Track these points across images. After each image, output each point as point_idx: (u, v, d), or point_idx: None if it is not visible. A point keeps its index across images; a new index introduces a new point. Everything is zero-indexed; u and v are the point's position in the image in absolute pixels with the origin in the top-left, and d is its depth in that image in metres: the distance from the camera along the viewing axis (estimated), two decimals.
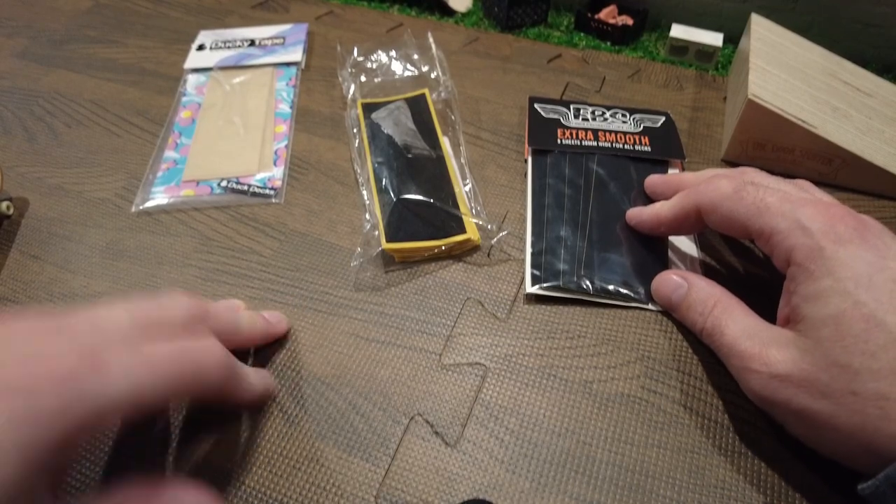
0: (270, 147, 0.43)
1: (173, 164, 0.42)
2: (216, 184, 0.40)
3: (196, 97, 0.47)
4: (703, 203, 0.28)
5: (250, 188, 0.40)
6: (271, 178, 0.41)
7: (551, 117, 0.41)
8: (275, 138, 0.44)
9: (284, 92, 0.48)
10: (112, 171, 0.42)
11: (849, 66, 0.44)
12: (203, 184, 0.40)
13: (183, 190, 0.40)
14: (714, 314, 0.28)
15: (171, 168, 0.41)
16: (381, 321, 0.32)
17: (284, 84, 0.49)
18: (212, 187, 0.40)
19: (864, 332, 0.22)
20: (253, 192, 0.40)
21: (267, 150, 0.43)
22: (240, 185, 0.40)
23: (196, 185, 0.40)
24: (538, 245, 0.34)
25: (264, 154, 0.42)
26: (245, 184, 0.40)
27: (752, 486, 0.25)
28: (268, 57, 0.50)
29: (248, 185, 0.40)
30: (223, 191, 0.40)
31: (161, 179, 0.41)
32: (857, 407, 0.21)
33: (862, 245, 0.24)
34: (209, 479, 0.26)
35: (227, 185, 0.40)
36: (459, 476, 0.26)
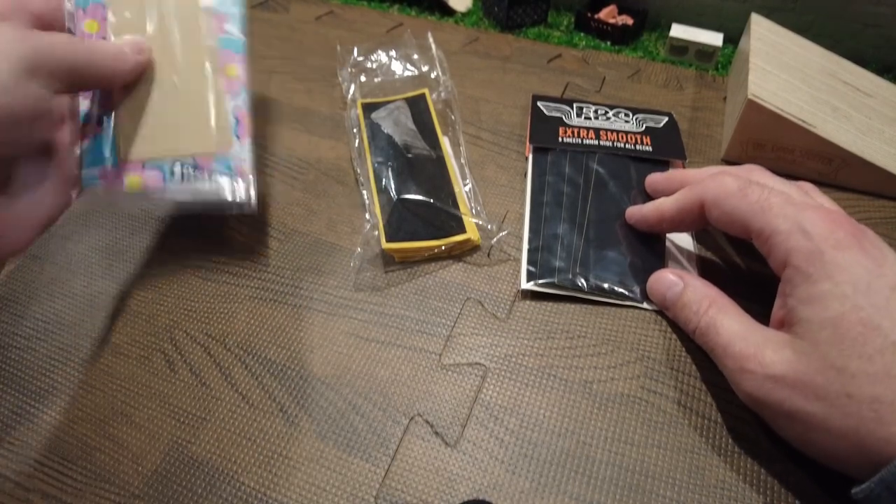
0: (224, 104, 0.31)
1: (97, 127, 0.30)
2: (168, 169, 0.30)
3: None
4: (707, 198, 0.29)
5: (212, 178, 0.31)
6: (236, 158, 0.31)
7: (553, 115, 0.41)
8: (227, 88, 0.32)
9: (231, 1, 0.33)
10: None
11: (849, 66, 0.44)
12: (150, 166, 0.30)
13: (127, 176, 0.30)
14: (709, 314, 0.28)
15: (99, 135, 0.30)
16: (381, 321, 0.32)
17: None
18: (164, 173, 0.30)
19: (861, 335, 0.22)
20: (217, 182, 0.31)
21: (220, 110, 0.31)
22: (199, 170, 0.30)
23: (142, 168, 0.30)
24: (535, 242, 0.34)
25: (219, 117, 0.31)
26: (205, 170, 0.30)
27: (752, 486, 0.25)
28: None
29: (208, 171, 0.31)
30: (180, 179, 0.30)
31: (90, 156, 0.30)
32: (851, 409, 0.22)
33: (860, 252, 0.24)
34: (208, 478, 0.26)
35: (182, 169, 0.30)
36: (459, 476, 0.26)
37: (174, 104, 0.31)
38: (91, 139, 0.30)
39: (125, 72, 0.29)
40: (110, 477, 0.27)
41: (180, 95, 0.31)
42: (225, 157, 0.31)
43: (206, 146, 0.31)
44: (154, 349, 0.31)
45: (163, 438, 0.28)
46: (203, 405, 0.29)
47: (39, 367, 0.31)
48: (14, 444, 0.28)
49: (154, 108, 0.31)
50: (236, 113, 0.32)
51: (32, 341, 0.32)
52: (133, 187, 0.30)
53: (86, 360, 0.31)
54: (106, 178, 0.29)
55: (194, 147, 0.31)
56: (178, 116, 0.31)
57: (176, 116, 0.31)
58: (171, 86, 0.31)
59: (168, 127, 0.31)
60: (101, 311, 0.33)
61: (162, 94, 0.31)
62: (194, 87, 0.31)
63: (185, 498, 0.26)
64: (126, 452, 0.27)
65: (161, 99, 0.31)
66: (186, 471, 0.27)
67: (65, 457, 0.27)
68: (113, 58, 0.28)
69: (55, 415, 0.29)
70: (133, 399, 0.29)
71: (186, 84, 0.31)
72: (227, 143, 0.31)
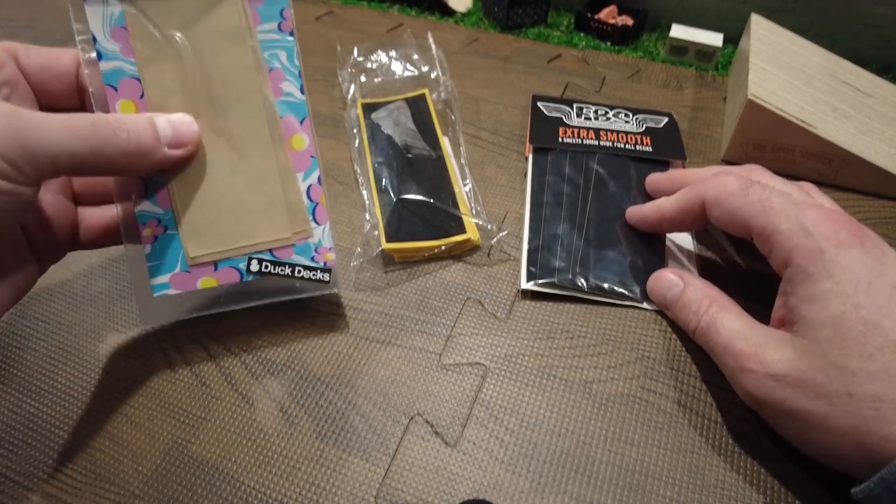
0: (295, 183, 0.28)
1: (157, 224, 0.27)
2: (244, 267, 0.27)
3: (123, 60, 0.26)
4: (709, 197, 0.29)
5: (296, 272, 0.28)
6: (319, 247, 0.28)
7: (553, 116, 0.41)
8: (295, 162, 0.28)
9: (280, 50, 0.27)
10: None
11: (849, 66, 0.44)
12: (224, 265, 0.27)
13: (199, 279, 0.27)
14: (709, 313, 0.28)
15: (161, 236, 0.27)
16: (381, 321, 0.32)
17: (272, 31, 0.27)
18: (240, 272, 0.27)
19: (862, 334, 0.22)
20: (302, 276, 0.28)
21: (292, 192, 0.28)
22: (280, 266, 0.28)
23: (214, 269, 0.27)
24: (535, 242, 0.34)
25: (292, 200, 0.28)
26: (286, 263, 0.28)
27: (752, 486, 0.25)
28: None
29: (290, 265, 0.28)
30: (256, 277, 0.27)
31: (156, 261, 0.27)
32: (851, 408, 0.22)
33: (862, 251, 0.24)
34: (208, 478, 0.26)
35: (259, 268, 0.27)
36: (459, 476, 0.26)
37: (238, 191, 0.27)
38: (153, 242, 0.26)
39: (149, 166, 0.25)
40: (110, 477, 0.27)
41: (244, 180, 0.27)
42: (305, 245, 0.28)
43: (282, 237, 0.27)
44: (154, 349, 0.31)
45: (163, 438, 0.28)
46: (203, 405, 0.29)
47: (39, 367, 0.31)
48: (14, 444, 0.28)
49: (216, 197, 0.27)
50: (310, 192, 0.28)
51: (32, 341, 0.32)
52: (207, 287, 0.27)
53: (86, 360, 0.31)
54: (177, 284, 0.27)
55: (269, 238, 0.27)
56: (245, 205, 0.27)
57: (242, 205, 0.27)
58: (231, 169, 0.27)
59: (236, 218, 0.27)
60: (101, 311, 0.33)
61: (223, 181, 0.27)
62: (258, 168, 0.27)
63: (185, 498, 0.26)
64: (126, 452, 0.27)
65: (223, 186, 0.27)
66: (186, 471, 0.27)
67: (65, 457, 0.27)
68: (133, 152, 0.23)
69: (55, 415, 0.29)
70: (133, 399, 0.29)
71: (249, 165, 0.27)
72: (306, 229, 0.28)
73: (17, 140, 0.20)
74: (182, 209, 0.27)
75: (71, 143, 0.21)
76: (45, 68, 0.25)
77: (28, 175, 0.20)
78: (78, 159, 0.21)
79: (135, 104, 0.26)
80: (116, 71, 0.25)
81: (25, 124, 0.20)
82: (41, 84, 0.26)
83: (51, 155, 0.21)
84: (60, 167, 0.21)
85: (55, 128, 0.21)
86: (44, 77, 0.26)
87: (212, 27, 0.26)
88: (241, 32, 0.27)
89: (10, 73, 0.25)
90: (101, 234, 0.28)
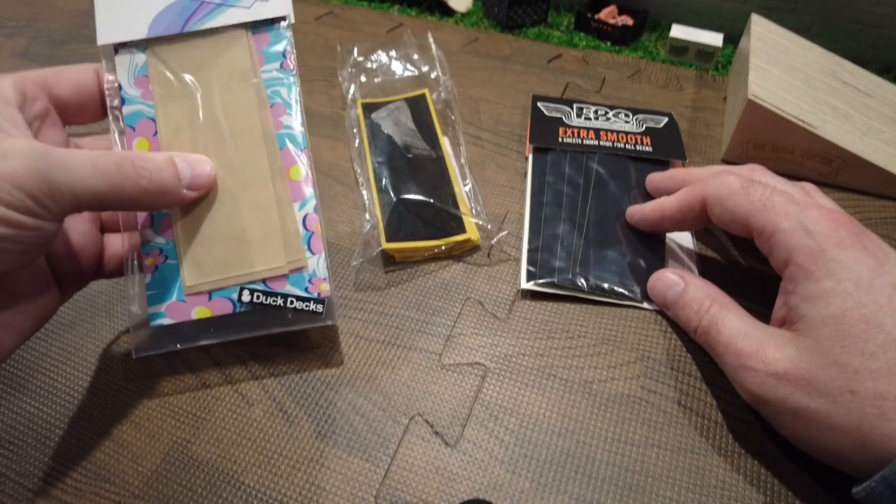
0: (291, 213, 0.28)
1: (158, 254, 0.27)
2: (236, 297, 0.27)
3: (142, 104, 0.28)
4: (710, 195, 0.29)
5: (288, 302, 0.28)
6: (313, 277, 0.28)
7: (554, 116, 0.41)
8: (292, 192, 0.28)
9: (281, 87, 0.29)
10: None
11: (849, 66, 0.44)
12: (218, 295, 0.27)
13: (193, 309, 0.27)
14: (710, 312, 0.28)
15: (161, 265, 0.27)
16: (381, 321, 0.32)
17: (275, 69, 0.29)
18: (233, 303, 0.27)
19: (863, 332, 0.22)
20: (295, 307, 0.28)
21: (289, 220, 0.28)
22: (272, 296, 0.27)
23: (208, 298, 0.27)
24: (535, 242, 0.34)
25: (288, 231, 0.28)
26: (279, 294, 0.27)
27: (752, 486, 0.25)
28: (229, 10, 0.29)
29: (282, 296, 0.27)
30: (249, 307, 0.27)
31: (155, 290, 0.27)
32: (854, 406, 0.22)
33: (862, 250, 0.24)
34: (208, 478, 0.26)
35: (251, 298, 0.27)
36: (459, 476, 0.26)
37: (237, 221, 0.28)
38: (154, 272, 0.27)
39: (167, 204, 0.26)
40: (110, 477, 0.27)
41: (243, 210, 0.28)
42: (299, 275, 0.28)
43: (277, 266, 0.28)
44: None
45: (163, 438, 0.28)
46: (203, 405, 0.29)
47: (39, 367, 0.31)
48: (14, 444, 0.28)
49: (216, 227, 0.27)
50: (306, 222, 0.28)
51: (32, 341, 0.32)
52: (201, 317, 0.27)
53: (86, 360, 0.31)
54: (173, 313, 0.27)
55: (264, 268, 0.27)
56: (243, 235, 0.28)
57: (240, 235, 0.28)
58: (231, 200, 0.28)
59: (232, 248, 0.27)
60: (101, 311, 0.33)
61: (223, 211, 0.28)
62: (257, 199, 0.28)
63: (185, 498, 0.26)
64: (126, 452, 0.27)
65: (224, 216, 0.27)
66: (186, 471, 0.27)
67: (65, 457, 0.27)
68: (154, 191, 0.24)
69: (55, 415, 0.29)
70: (133, 399, 0.29)
71: (248, 196, 0.28)
72: (300, 260, 0.28)
73: (45, 179, 0.20)
74: (184, 239, 0.27)
75: (95, 181, 0.22)
76: (75, 92, 0.27)
77: (52, 211, 0.21)
78: (101, 197, 0.22)
79: (148, 141, 0.28)
80: (136, 113, 0.28)
81: (52, 163, 0.21)
82: (71, 108, 0.27)
83: (75, 193, 0.21)
84: (83, 204, 0.22)
85: (81, 166, 0.21)
86: (74, 101, 0.27)
87: (221, 69, 0.29)
88: (247, 72, 0.29)
89: (41, 106, 0.25)
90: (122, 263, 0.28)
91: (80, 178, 0.21)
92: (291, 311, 0.28)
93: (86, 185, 0.21)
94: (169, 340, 0.28)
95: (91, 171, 0.21)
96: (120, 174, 0.22)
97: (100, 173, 0.22)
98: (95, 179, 0.22)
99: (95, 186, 0.22)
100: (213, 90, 0.28)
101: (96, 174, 0.22)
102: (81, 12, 0.59)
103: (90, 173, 0.21)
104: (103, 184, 0.22)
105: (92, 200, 0.22)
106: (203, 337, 0.28)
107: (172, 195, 0.25)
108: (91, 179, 0.21)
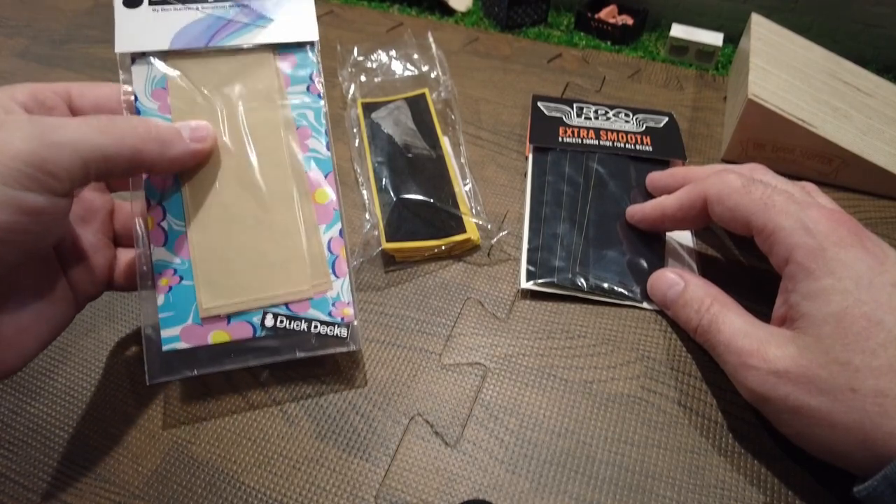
0: (317, 236, 0.27)
1: (173, 274, 0.26)
2: (258, 322, 0.26)
3: (158, 116, 0.27)
4: (711, 194, 0.29)
5: (312, 327, 0.26)
6: (337, 301, 0.27)
7: (554, 115, 0.41)
8: (319, 217, 0.28)
9: (307, 110, 0.29)
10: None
11: (849, 66, 0.44)
12: (237, 319, 0.26)
13: (210, 333, 0.26)
14: (711, 312, 0.28)
15: (176, 286, 0.26)
16: (381, 321, 0.32)
17: (301, 92, 0.29)
18: (253, 326, 0.26)
19: (864, 330, 0.22)
20: (319, 332, 0.26)
21: (314, 245, 0.27)
22: (296, 320, 0.26)
23: (227, 322, 0.26)
24: (535, 241, 0.34)
25: (313, 254, 0.27)
26: (302, 318, 0.26)
27: (752, 485, 0.25)
28: (256, 30, 0.29)
29: (306, 320, 0.26)
30: (271, 332, 0.26)
31: (169, 312, 0.26)
32: (855, 404, 0.22)
33: (862, 249, 0.24)
34: (208, 478, 0.26)
35: (274, 323, 0.26)
36: (459, 476, 0.26)
37: (259, 243, 0.27)
38: (168, 293, 0.26)
39: (173, 157, 0.25)
40: (110, 477, 0.27)
41: (266, 232, 0.27)
42: (323, 299, 0.27)
43: (301, 290, 0.27)
44: None
45: (163, 438, 0.28)
46: (203, 405, 0.29)
47: (39, 367, 0.31)
48: (14, 444, 0.28)
49: (236, 249, 0.26)
50: (331, 245, 0.27)
51: None
52: (218, 342, 0.26)
53: (86, 360, 0.31)
54: (188, 338, 0.26)
55: (287, 292, 0.26)
56: (266, 257, 0.26)
57: (262, 258, 0.26)
58: (254, 221, 0.27)
59: (254, 271, 0.26)
60: (101, 310, 0.33)
61: (245, 232, 0.26)
62: (282, 221, 0.27)
63: (185, 498, 0.26)
64: (126, 452, 0.27)
65: (244, 237, 0.26)
66: (186, 471, 0.27)
67: (65, 457, 0.27)
68: (155, 139, 0.24)
69: (55, 415, 0.29)
70: (133, 399, 0.29)
71: (272, 218, 0.27)
72: (325, 283, 0.27)
73: (47, 145, 0.20)
74: (200, 259, 0.26)
75: (96, 137, 0.21)
76: (96, 108, 0.26)
77: (62, 179, 0.21)
78: (105, 154, 0.22)
79: None
80: None
81: (49, 128, 0.21)
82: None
83: (80, 153, 0.21)
84: (91, 166, 0.21)
85: (78, 127, 0.21)
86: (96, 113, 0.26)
87: (246, 87, 0.28)
88: (273, 93, 0.28)
89: (59, 115, 0.25)
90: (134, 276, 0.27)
91: (80, 136, 0.21)
92: (315, 335, 0.26)
93: (89, 142, 0.21)
94: (184, 365, 0.26)
95: (89, 129, 0.21)
96: (118, 127, 0.22)
97: (98, 129, 0.22)
98: (95, 135, 0.21)
99: (97, 141, 0.21)
100: (236, 108, 0.28)
101: (95, 131, 0.22)
102: (81, 12, 0.59)
103: (88, 131, 0.21)
104: (104, 138, 0.22)
105: (99, 160, 0.22)
106: (221, 363, 0.26)
107: (176, 145, 0.25)
108: (91, 135, 0.21)
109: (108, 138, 0.22)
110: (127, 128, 0.23)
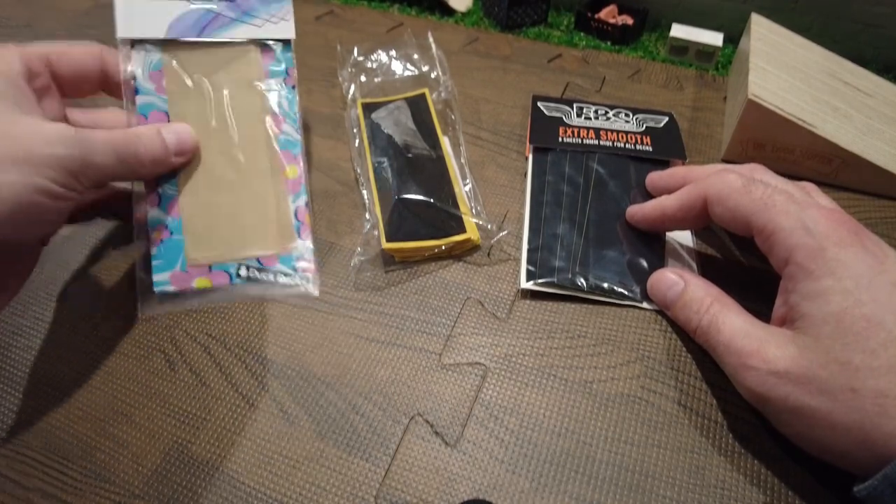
0: (286, 205, 0.33)
1: (164, 230, 0.31)
2: (234, 271, 0.32)
3: (155, 96, 0.32)
4: (711, 194, 0.29)
5: (277, 276, 0.32)
6: (299, 257, 0.33)
7: (554, 115, 0.41)
8: (288, 189, 0.33)
9: (283, 100, 0.34)
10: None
11: (849, 66, 0.44)
12: (217, 268, 0.31)
13: (194, 279, 0.31)
14: (711, 312, 0.28)
15: (167, 239, 0.31)
16: (381, 321, 0.32)
17: (278, 83, 0.34)
18: (230, 274, 0.32)
19: (864, 330, 0.22)
20: (282, 282, 0.32)
21: (283, 212, 0.33)
22: (264, 271, 0.32)
23: (208, 270, 0.31)
24: (535, 241, 0.34)
25: (281, 218, 0.33)
26: (270, 270, 0.32)
27: (752, 485, 0.25)
28: (242, 27, 0.33)
29: (273, 272, 0.32)
30: (244, 280, 0.32)
31: (160, 260, 0.31)
32: (855, 404, 0.22)
33: (862, 249, 0.24)
34: (208, 478, 0.26)
35: (247, 273, 0.32)
36: (459, 476, 0.26)
37: (238, 207, 0.32)
38: (160, 244, 0.31)
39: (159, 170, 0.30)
40: (110, 476, 0.27)
41: (244, 198, 0.32)
42: (288, 256, 0.32)
43: (270, 247, 0.32)
44: (154, 349, 0.31)
45: (163, 438, 0.28)
46: (203, 405, 0.29)
47: (39, 367, 0.31)
48: (14, 444, 0.28)
49: (219, 211, 0.32)
50: (297, 213, 0.33)
51: (32, 340, 0.32)
52: (201, 287, 0.31)
53: (86, 360, 0.31)
54: (176, 281, 0.31)
55: (259, 249, 0.32)
56: (243, 219, 0.32)
57: (240, 219, 0.32)
58: (235, 189, 0.32)
59: (233, 230, 0.32)
60: (101, 310, 0.33)
61: (226, 198, 0.32)
62: (257, 190, 0.33)
63: (185, 498, 0.26)
64: (126, 452, 0.27)
65: (225, 202, 0.32)
66: (186, 471, 0.27)
67: (65, 456, 0.27)
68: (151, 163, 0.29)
69: (55, 414, 0.29)
70: (133, 399, 0.29)
71: (250, 187, 0.32)
72: (291, 243, 0.33)
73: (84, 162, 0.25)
74: (189, 217, 0.31)
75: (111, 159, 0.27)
76: (75, 71, 0.29)
77: (85, 185, 0.26)
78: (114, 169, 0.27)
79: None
80: (149, 104, 0.31)
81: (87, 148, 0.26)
82: (69, 85, 0.30)
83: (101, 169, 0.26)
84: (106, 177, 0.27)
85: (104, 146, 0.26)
86: (72, 79, 0.30)
87: (231, 76, 0.33)
88: (254, 82, 0.34)
89: (44, 81, 0.28)
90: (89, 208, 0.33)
91: (103, 155, 0.26)
92: (280, 284, 0.32)
93: (107, 161, 0.27)
94: (173, 305, 0.32)
95: (108, 149, 0.27)
96: (125, 150, 0.28)
97: (112, 149, 0.27)
98: (111, 156, 0.27)
99: (111, 161, 0.27)
100: (222, 93, 0.33)
101: (111, 152, 0.27)
102: (81, 12, 0.59)
103: (108, 150, 0.27)
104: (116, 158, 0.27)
105: (110, 172, 0.27)
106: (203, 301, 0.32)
107: (163, 164, 0.30)
108: (109, 156, 0.27)
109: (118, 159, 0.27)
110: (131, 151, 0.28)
